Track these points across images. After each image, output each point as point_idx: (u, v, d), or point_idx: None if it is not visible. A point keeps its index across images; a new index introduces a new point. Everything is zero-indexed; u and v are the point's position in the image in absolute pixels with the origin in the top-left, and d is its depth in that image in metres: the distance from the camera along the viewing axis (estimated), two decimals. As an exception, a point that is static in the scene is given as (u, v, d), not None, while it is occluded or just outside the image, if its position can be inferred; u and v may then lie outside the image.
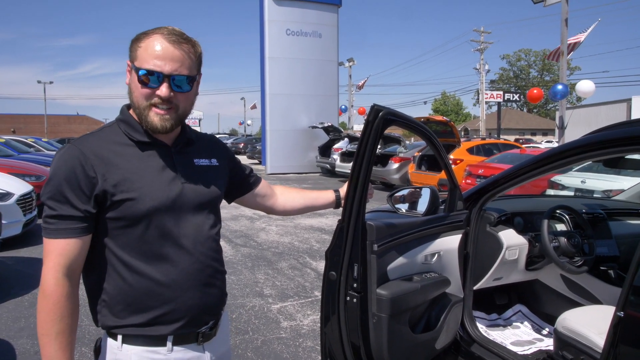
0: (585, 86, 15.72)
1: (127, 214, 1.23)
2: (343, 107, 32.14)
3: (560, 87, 15.40)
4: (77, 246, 1.22)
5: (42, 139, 22.86)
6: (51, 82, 56.01)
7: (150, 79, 1.23)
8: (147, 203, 1.24)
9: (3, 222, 5.40)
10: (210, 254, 1.37)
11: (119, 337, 1.28)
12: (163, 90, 1.24)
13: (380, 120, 1.69)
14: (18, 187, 6.68)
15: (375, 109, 1.69)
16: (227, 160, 1.54)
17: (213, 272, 1.38)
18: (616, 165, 2.53)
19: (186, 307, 1.31)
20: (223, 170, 1.50)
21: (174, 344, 1.31)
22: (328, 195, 1.84)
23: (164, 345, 1.30)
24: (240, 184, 1.64)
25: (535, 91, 19.06)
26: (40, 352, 1.21)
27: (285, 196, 1.77)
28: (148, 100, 1.25)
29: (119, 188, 1.22)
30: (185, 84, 1.27)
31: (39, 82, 53.50)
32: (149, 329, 1.28)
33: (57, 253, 1.20)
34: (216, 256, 1.40)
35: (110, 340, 1.29)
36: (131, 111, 1.33)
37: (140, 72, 1.23)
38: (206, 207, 1.38)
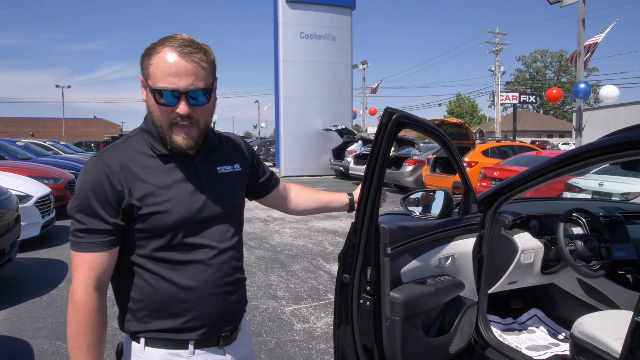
0: (609, 91, 15.43)
1: (152, 226, 1.24)
2: (354, 115, 31.89)
3: (582, 85, 15.11)
4: (106, 259, 1.23)
5: (60, 142, 23.21)
6: (69, 87, 57.21)
7: (166, 97, 1.20)
8: (173, 216, 1.25)
9: (22, 223, 5.51)
10: (232, 262, 1.38)
11: (142, 340, 1.30)
12: (182, 107, 1.21)
13: (394, 123, 1.68)
14: (36, 189, 6.80)
15: (389, 112, 1.69)
16: (249, 163, 1.53)
17: (234, 280, 1.39)
18: (634, 168, 2.50)
19: (207, 314, 1.32)
20: (245, 175, 1.49)
21: (196, 347, 1.32)
22: (342, 199, 1.84)
23: (186, 348, 1.31)
24: (259, 187, 1.64)
25: (554, 91, 18.79)
26: None
27: (300, 198, 1.78)
28: (169, 119, 1.23)
29: (145, 202, 1.23)
30: (202, 97, 1.24)
31: (57, 86, 54.52)
32: (171, 334, 1.30)
33: (88, 266, 1.21)
34: (238, 264, 1.41)
35: (133, 343, 1.31)
36: None
37: (156, 92, 1.20)
38: (229, 216, 1.38)
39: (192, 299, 1.29)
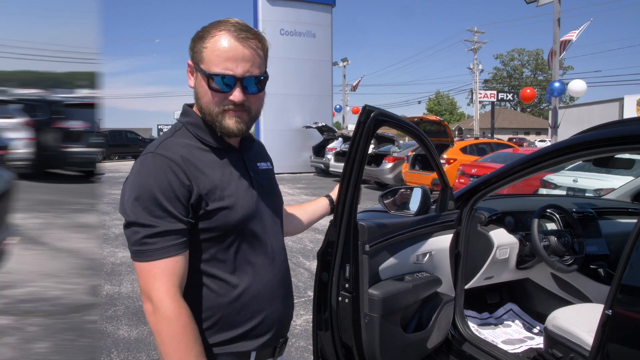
0: (577, 86, 15.80)
1: (220, 223, 1.16)
2: (337, 107, 32.11)
3: (557, 84, 15.46)
4: (183, 263, 1.12)
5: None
6: (43, 82, 55.75)
7: (221, 83, 1.15)
8: (239, 211, 1.18)
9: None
10: (285, 264, 1.34)
11: None
12: (236, 95, 1.16)
13: (372, 120, 1.69)
14: None
15: (367, 110, 1.70)
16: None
17: (289, 283, 1.35)
18: (606, 165, 2.56)
19: (272, 319, 1.27)
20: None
21: (256, 358, 1.26)
22: (322, 204, 1.79)
23: None
24: None
25: (528, 91, 19.17)
26: None
27: (287, 220, 1.65)
28: (221, 106, 1.17)
29: (211, 196, 1.15)
30: (256, 85, 1.20)
31: (31, 82, 53.13)
32: (235, 345, 1.22)
33: (168, 273, 1.08)
34: (288, 266, 1.37)
35: None
36: (195, 109, 1.25)
37: (211, 77, 1.14)
38: (278, 214, 1.34)
39: (256, 303, 1.23)
